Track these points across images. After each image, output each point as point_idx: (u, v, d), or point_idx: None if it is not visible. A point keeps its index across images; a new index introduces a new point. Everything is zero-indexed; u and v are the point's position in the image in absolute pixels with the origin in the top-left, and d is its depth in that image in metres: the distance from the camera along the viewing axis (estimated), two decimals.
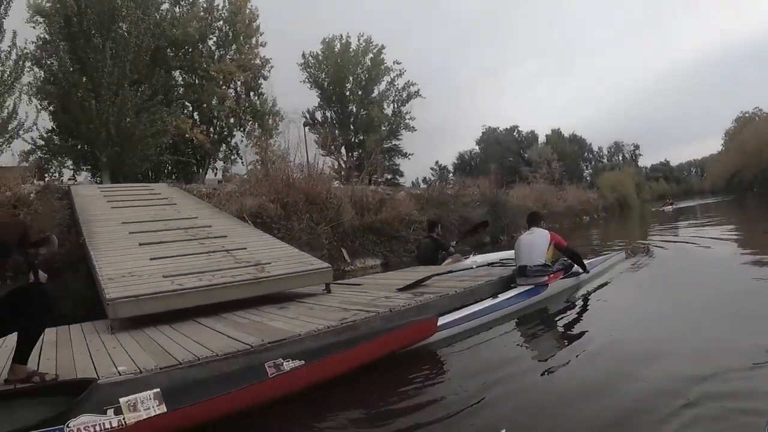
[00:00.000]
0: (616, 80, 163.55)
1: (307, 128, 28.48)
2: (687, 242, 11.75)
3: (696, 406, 2.51)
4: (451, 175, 57.83)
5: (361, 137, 37.34)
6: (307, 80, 37.35)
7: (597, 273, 7.12)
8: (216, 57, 26.54)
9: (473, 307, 5.07)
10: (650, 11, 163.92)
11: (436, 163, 62.15)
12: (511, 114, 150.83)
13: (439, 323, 4.36)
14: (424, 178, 51.33)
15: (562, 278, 6.20)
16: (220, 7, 26.92)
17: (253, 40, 28.08)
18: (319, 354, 3.44)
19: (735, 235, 13.14)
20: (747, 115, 77.11)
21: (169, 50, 24.11)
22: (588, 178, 68.36)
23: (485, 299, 5.38)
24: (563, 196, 30.41)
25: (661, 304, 5.42)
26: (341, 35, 37.07)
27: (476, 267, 7.46)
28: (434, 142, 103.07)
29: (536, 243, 6.06)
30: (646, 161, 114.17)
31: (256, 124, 27.50)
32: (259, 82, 28.56)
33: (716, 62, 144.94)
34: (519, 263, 6.05)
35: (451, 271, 6.99)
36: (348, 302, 5.19)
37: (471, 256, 9.52)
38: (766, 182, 56.96)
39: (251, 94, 28.27)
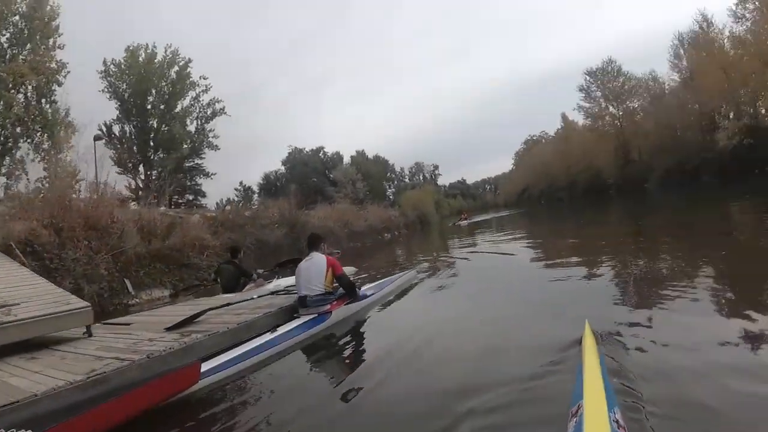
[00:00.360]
0: (420, 104, 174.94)
1: (98, 142, 26.39)
2: (483, 252, 13.04)
3: (485, 409, 2.70)
4: (256, 195, 57.53)
5: (161, 155, 35.45)
6: (106, 90, 34.55)
7: (389, 293, 7.15)
8: (8, 56, 23.68)
9: (249, 344, 4.67)
10: (458, 42, 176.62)
11: (241, 183, 60.97)
12: (318, 134, 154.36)
13: (204, 368, 3.89)
14: (228, 198, 50.08)
15: (346, 304, 6.01)
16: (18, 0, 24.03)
17: (51, 41, 25.35)
18: (55, 418, 2.87)
19: (528, 242, 14.40)
20: (534, 138, 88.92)
21: None
22: (391, 197, 71.49)
23: (264, 333, 5.02)
24: (364, 215, 31.10)
25: (456, 313, 5.86)
26: (147, 44, 35.19)
27: (257, 297, 6.94)
28: (242, 162, 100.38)
29: (314, 270, 5.84)
30: (444, 180, 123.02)
31: (45, 135, 24.86)
32: (53, 88, 25.72)
33: (509, 91, 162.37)
34: (299, 293, 5.83)
35: (228, 304, 6.36)
36: (105, 348, 4.56)
37: (275, 279, 9.40)
38: (552, 195, 65.76)
39: (43, 101, 25.41)
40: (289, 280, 9.59)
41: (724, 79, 36.07)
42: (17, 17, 24.13)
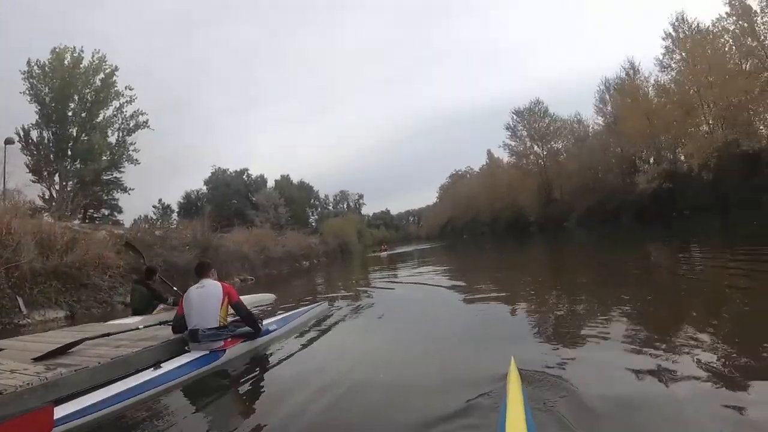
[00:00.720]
0: (349, 132, 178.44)
1: (9, 146, 25.42)
2: (404, 284, 13.04)
3: None
4: (176, 214, 56.11)
5: (78, 165, 34.12)
6: (27, 92, 32.94)
7: (295, 327, 6.64)
8: None
9: (124, 383, 4.02)
10: (391, 73, 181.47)
11: (159, 201, 59.21)
12: (245, 156, 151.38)
13: (62, 412, 3.28)
14: (145, 216, 48.70)
15: (245, 341, 5.41)
16: None
17: None
18: None
19: (450, 275, 14.25)
20: (460, 172, 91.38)
21: None
22: (314, 224, 71.37)
23: (144, 370, 4.35)
24: (282, 241, 30.85)
25: (373, 347, 5.63)
26: (74, 47, 34.00)
27: (143, 327, 6.18)
28: (164, 179, 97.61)
29: (207, 299, 5.15)
30: (369, 210, 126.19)
31: None
32: None
33: (438, 125, 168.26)
34: (189, 325, 5.05)
35: (108, 334, 5.51)
36: None
37: None
38: (475, 229, 67.33)
39: None
40: None
41: (647, 125, 38.03)
42: None
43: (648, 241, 18.25)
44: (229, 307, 5.39)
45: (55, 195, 33.29)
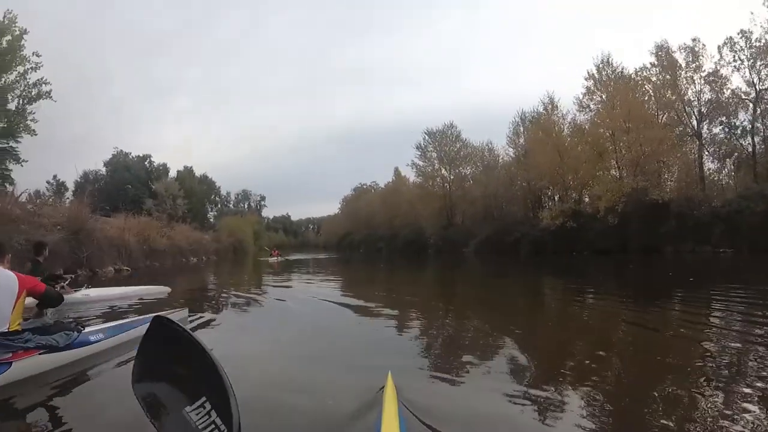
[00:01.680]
0: (258, 133, 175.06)
1: None
2: (291, 290, 13.15)
3: None
4: (70, 193, 52.77)
5: None
6: None
7: (131, 340, 5.43)
8: None
9: None
10: (313, 82, 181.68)
11: (54, 177, 56.90)
12: (151, 144, 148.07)
13: None
14: (38, 191, 46.56)
15: (42, 353, 4.34)
16: None
17: None
18: None
19: (341, 288, 14.57)
20: (365, 186, 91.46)
21: None
22: (212, 220, 71.12)
23: None
24: (168, 233, 30.18)
25: (246, 352, 5.41)
26: None
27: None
28: (66, 158, 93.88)
29: None
30: (269, 212, 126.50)
31: None
32: None
33: (348, 138, 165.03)
34: None
35: None
36: None
37: (83, 288, 8.96)
38: (372, 245, 67.30)
39: None
40: (103, 292, 9.36)
41: (558, 161, 38.23)
42: None
43: (541, 276, 18.52)
44: (33, 309, 4.82)
45: None
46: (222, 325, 7.30)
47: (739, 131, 33.40)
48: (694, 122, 34.22)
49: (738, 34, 31.57)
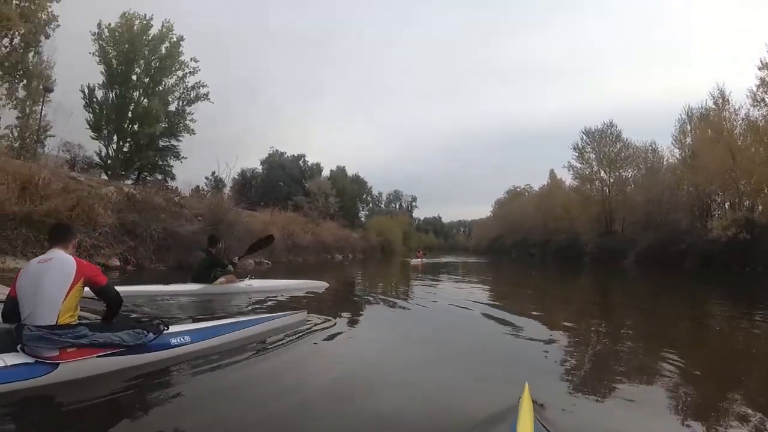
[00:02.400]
0: (410, 133, 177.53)
1: (48, 94, 25.93)
2: (437, 293, 12.18)
3: None
4: (228, 189, 55.51)
5: (136, 128, 34.51)
6: (97, 53, 33.46)
7: (227, 342, 4.62)
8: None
9: None
10: (456, 81, 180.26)
11: (213, 173, 58.66)
12: (304, 143, 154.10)
13: None
14: (197, 186, 48.99)
15: (101, 356, 3.56)
16: None
17: None
18: None
19: (489, 293, 13.46)
20: (518, 189, 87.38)
21: None
22: (363, 219, 71.68)
23: None
24: (313, 229, 29.38)
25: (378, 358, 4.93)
26: (144, 15, 34.34)
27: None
28: (225, 154, 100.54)
29: (47, 280, 3.47)
30: (420, 213, 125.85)
31: (22, 84, 24.78)
32: (40, 39, 25.20)
33: (502, 138, 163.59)
34: (22, 316, 3.43)
35: None
36: None
37: (247, 279, 9.05)
38: (524, 249, 64.50)
39: (31, 52, 25.05)
40: (265, 284, 9.50)
41: (729, 163, 33.25)
42: None
43: (710, 293, 16.22)
44: (93, 299, 3.88)
45: (111, 154, 34.22)
46: (360, 326, 7.01)
47: None
48: None
49: None
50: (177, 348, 4.10)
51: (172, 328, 4.21)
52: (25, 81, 24.97)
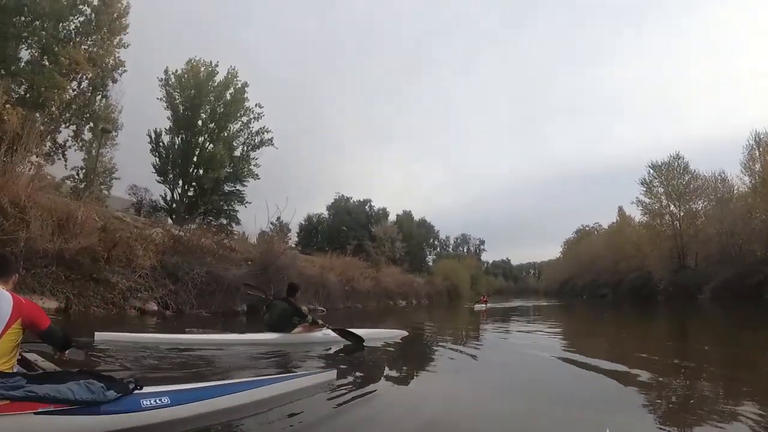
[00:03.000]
0: (477, 175, 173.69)
1: (105, 135, 26.27)
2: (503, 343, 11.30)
3: None
4: (295, 234, 55.43)
5: (201, 172, 34.77)
6: (164, 99, 34.31)
7: (220, 405, 3.62)
8: (72, 44, 23.25)
9: None
10: (527, 119, 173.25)
11: (278, 218, 58.64)
12: (370, 188, 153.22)
13: None
14: (263, 231, 48.65)
15: (39, 413, 2.76)
16: None
17: (117, 39, 25.19)
18: None
19: (561, 340, 12.12)
20: (587, 228, 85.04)
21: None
22: (430, 263, 70.22)
23: None
24: (373, 275, 27.83)
25: None
26: (210, 62, 35.10)
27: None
28: (293, 199, 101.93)
29: None
30: (489, 257, 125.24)
31: (88, 126, 25.10)
32: (107, 83, 25.62)
33: (570, 178, 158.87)
34: None
35: None
36: None
37: (324, 328, 8.69)
38: (595, 291, 61.57)
39: (98, 95, 25.48)
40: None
41: None
42: (87, 7, 23.92)
43: None
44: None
45: (176, 198, 34.54)
46: (430, 378, 6.47)
47: None
48: None
49: None
50: (149, 411, 3.16)
51: (151, 389, 3.28)
52: (91, 123, 25.26)
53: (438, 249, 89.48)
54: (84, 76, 23.99)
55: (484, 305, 28.79)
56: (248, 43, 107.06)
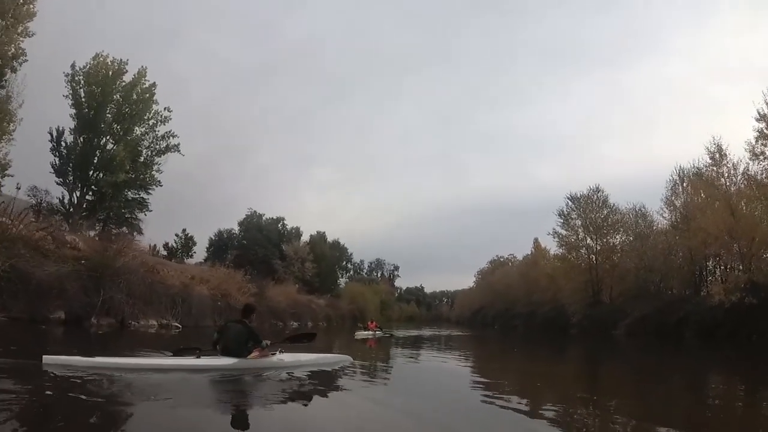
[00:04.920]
0: (395, 202, 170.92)
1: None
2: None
3: None
4: (198, 247, 53.73)
5: (101, 175, 32.56)
6: (69, 96, 31.80)
7: None
8: None
9: None
10: (447, 151, 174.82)
11: (183, 230, 54.05)
12: (287, 211, 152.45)
13: None
14: (166, 243, 47.52)
15: None
16: None
17: (20, 27, 23.36)
18: None
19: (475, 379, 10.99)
20: (502, 259, 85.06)
21: None
22: (341, 286, 69.48)
23: None
24: (252, 290, 25.46)
25: None
26: (120, 59, 32.99)
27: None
28: (206, 215, 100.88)
29: None
30: (403, 282, 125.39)
31: None
32: (5, 72, 23.51)
33: (487, 209, 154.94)
34: None
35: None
36: None
37: (278, 353, 8.61)
38: (507, 322, 61.32)
39: None
40: (297, 357, 9.09)
41: (730, 223, 29.98)
42: None
43: (715, 369, 14.69)
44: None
45: (75, 201, 32.21)
46: None
47: None
48: None
49: None
50: None
51: None
52: None
53: (351, 272, 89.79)
54: None
55: (371, 333, 25.89)
56: (174, 59, 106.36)
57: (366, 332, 25.82)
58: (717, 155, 33.25)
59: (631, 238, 44.88)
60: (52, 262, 13.90)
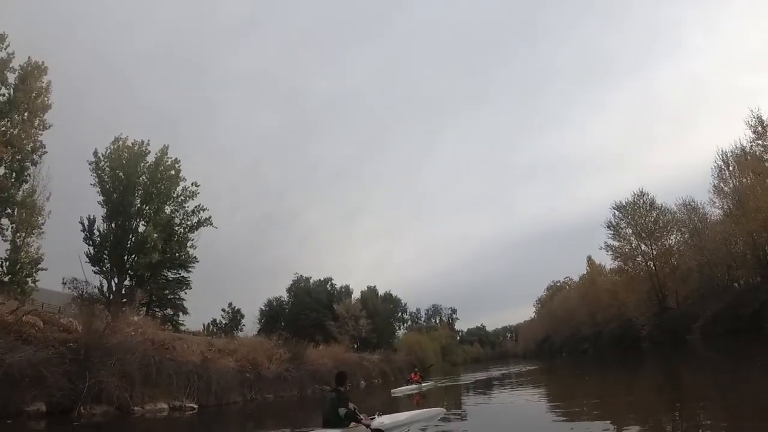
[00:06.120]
0: (445, 246, 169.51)
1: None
2: None
3: None
4: (247, 320, 52.12)
5: (135, 258, 31.86)
6: (96, 183, 31.82)
7: None
8: None
9: None
10: (493, 184, 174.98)
11: (230, 305, 53.88)
12: (339, 267, 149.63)
13: None
14: (214, 320, 47.58)
15: None
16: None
17: (37, 120, 23.78)
18: None
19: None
20: (558, 284, 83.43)
21: None
22: (399, 338, 68.25)
23: None
24: (283, 356, 23.01)
25: None
26: (142, 141, 32.89)
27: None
28: (258, 284, 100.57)
29: None
30: (463, 325, 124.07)
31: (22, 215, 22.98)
32: (26, 166, 23.78)
33: (537, 237, 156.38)
34: None
35: None
36: None
37: (377, 416, 8.64)
38: (575, 347, 59.22)
39: (15, 180, 23.43)
40: (396, 418, 9.33)
41: None
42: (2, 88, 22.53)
43: None
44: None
45: (114, 288, 31.46)
46: None
47: None
48: None
49: None
50: None
51: None
52: (8, 210, 23.17)
53: (409, 322, 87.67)
54: (5, 160, 22.29)
55: (416, 386, 22.60)
56: (213, 134, 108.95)
57: (407, 386, 22.52)
58: (759, 128, 30.82)
59: (687, 236, 42.40)
60: (32, 347, 12.44)
